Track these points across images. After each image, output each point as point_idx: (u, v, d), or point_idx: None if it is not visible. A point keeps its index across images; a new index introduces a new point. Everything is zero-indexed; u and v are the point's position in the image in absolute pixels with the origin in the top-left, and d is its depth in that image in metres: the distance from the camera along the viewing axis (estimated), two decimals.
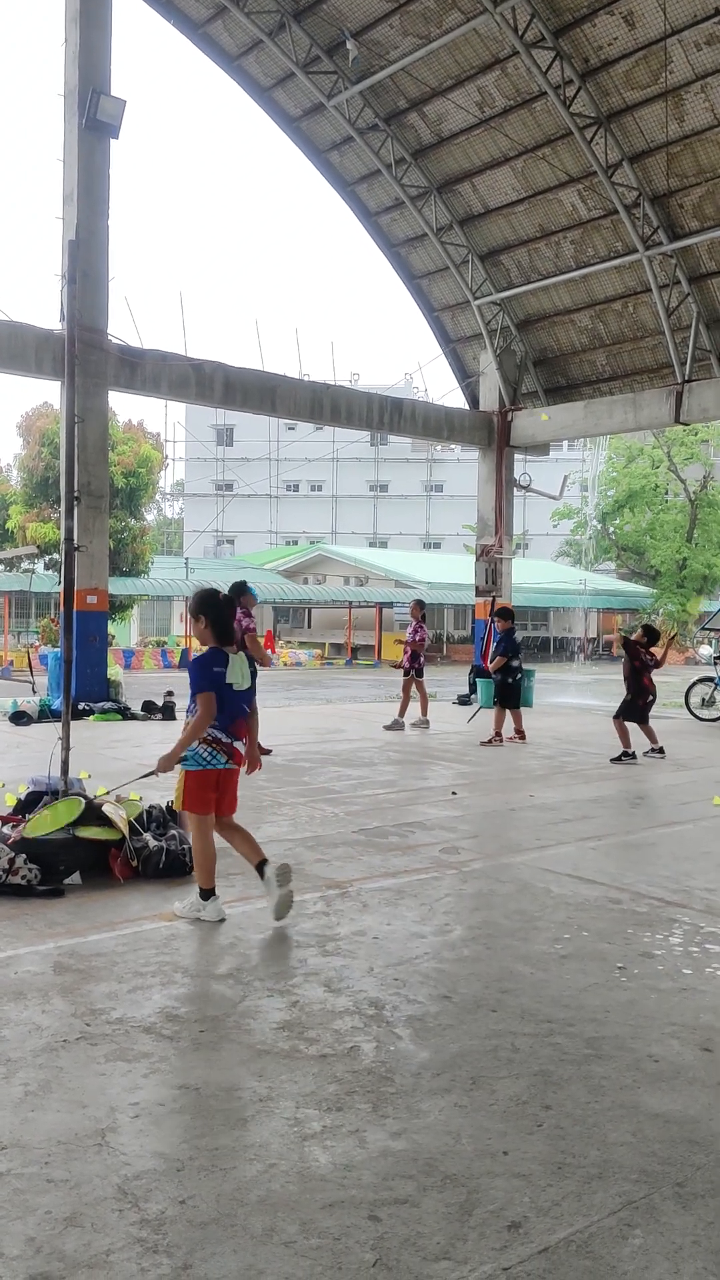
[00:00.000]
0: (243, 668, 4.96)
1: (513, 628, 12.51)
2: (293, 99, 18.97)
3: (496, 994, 4.04)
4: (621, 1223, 2.54)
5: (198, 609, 4.98)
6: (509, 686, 12.17)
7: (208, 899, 4.94)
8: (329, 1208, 2.58)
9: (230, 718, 4.90)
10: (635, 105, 16.16)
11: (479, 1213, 2.58)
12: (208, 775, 4.88)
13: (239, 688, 4.93)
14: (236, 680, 4.91)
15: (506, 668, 12.13)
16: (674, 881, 5.82)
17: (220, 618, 4.99)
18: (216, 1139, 2.90)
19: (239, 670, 4.93)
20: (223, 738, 4.89)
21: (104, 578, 14.65)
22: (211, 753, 4.87)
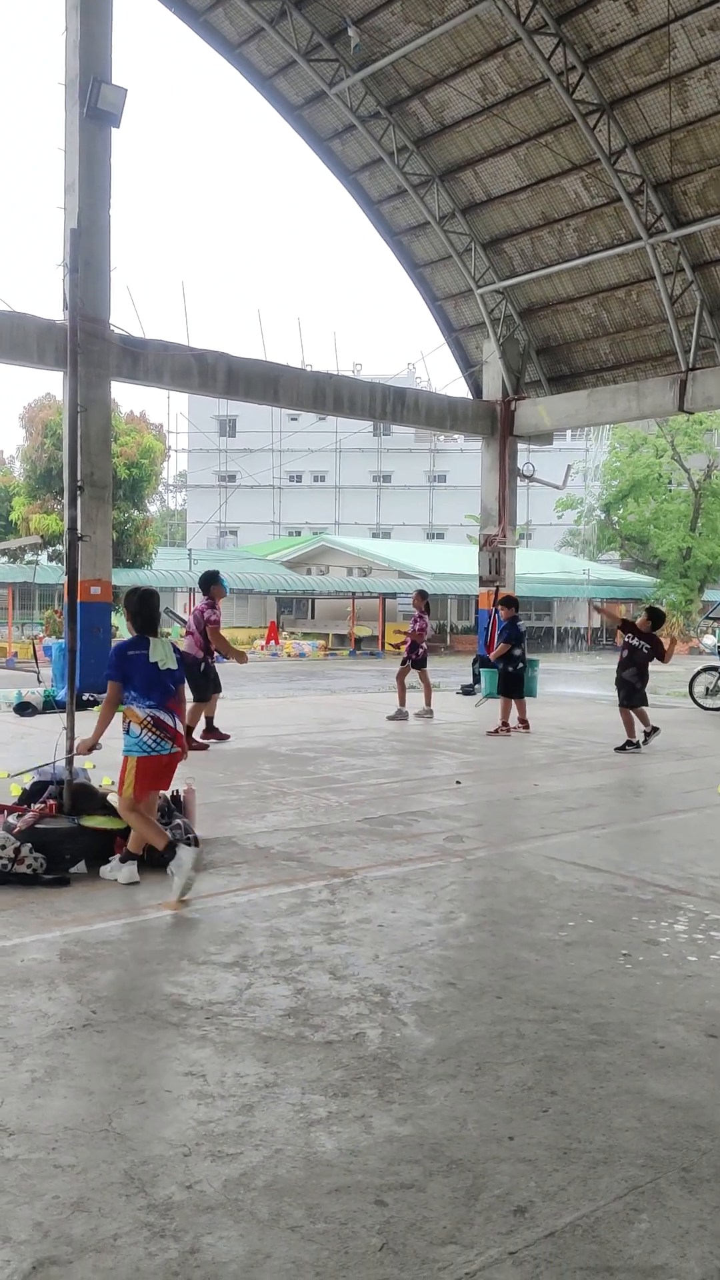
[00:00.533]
0: (165, 650, 5.27)
1: (517, 616, 12.50)
2: (294, 87, 18.89)
3: (501, 980, 4.04)
4: (628, 1207, 2.55)
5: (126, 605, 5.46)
6: (512, 676, 12.16)
7: (126, 861, 5.29)
8: (335, 1193, 2.59)
9: (162, 695, 5.18)
10: (638, 91, 16.07)
11: (485, 1197, 2.58)
12: (153, 762, 5.14)
13: (163, 666, 5.21)
14: (160, 659, 5.21)
15: (509, 657, 12.11)
16: (678, 869, 5.82)
17: (138, 611, 5.36)
18: (223, 1125, 2.91)
19: (161, 651, 5.24)
20: (165, 719, 5.15)
21: (108, 569, 14.64)
22: (156, 740, 5.13)
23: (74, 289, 6.82)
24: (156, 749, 5.13)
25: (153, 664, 5.18)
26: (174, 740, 5.18)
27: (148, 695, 5.15)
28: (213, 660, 10.70)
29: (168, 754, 5.17)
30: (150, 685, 5.15)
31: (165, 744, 5.14)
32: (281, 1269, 2.28)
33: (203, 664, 10.53)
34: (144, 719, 5.11)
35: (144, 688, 5.16)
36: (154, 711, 5.12)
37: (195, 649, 10.51)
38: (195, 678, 10.61)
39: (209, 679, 10.65)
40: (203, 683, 10.62)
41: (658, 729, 11.00)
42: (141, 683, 5.17)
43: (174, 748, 5.19)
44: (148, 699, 5.14)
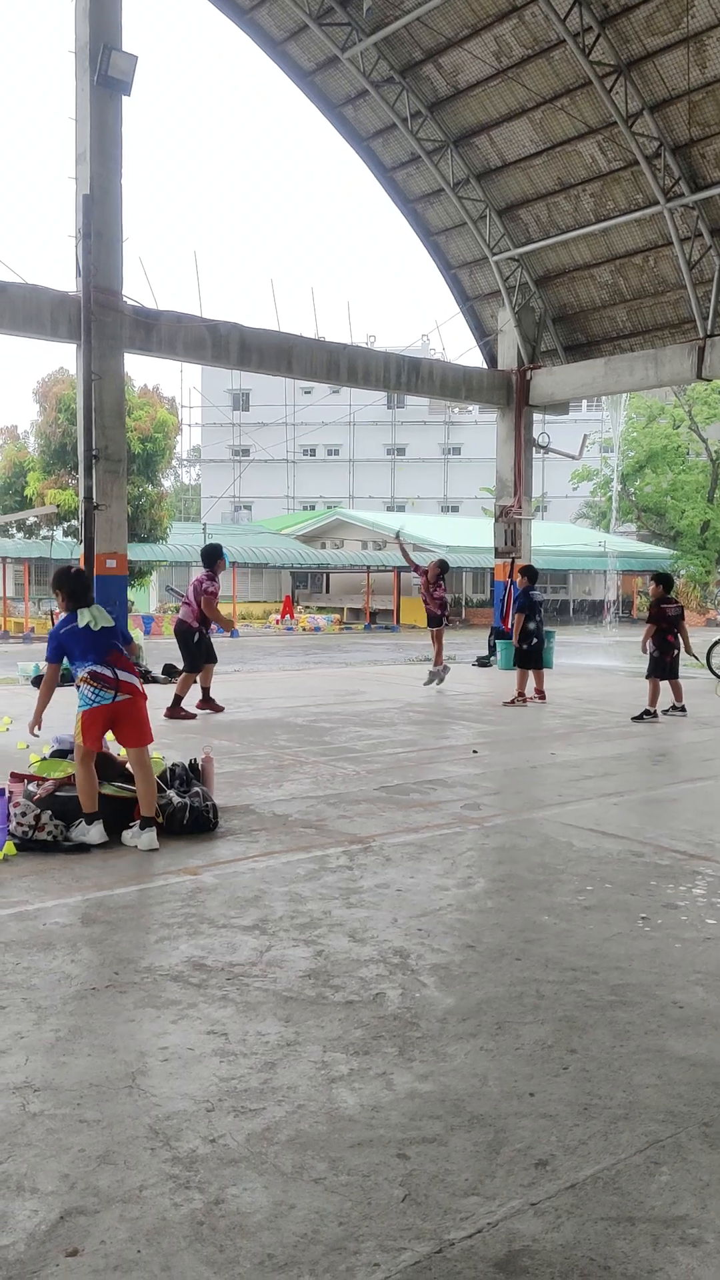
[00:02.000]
0: (96, 613, 5.53)
1: (533, 586, 12.44)
2: (306, 52, 18.63)
3: (520, 943, 4.06)
4: (648, 1160, 2.56)
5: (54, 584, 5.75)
6: (525, 652, 12.12)
7: (91, 822, 5.41)
8: (357, 1146, 2.61)
9: (102, 651, 5.44)
10: (656, 52, 15.77)
11: (506, 1151, 2.60)
12: (97, 712, 5.39)
13: (95, 626, 5.46)
14: (90, 621, 5.48)
15: (524, 632, 12.07)
16: (697, 835, 5.81)
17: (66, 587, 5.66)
18: (245, 1081, 2.94)
19: (90, 615, 5.51)
20: (103, 671, 5.40)
21: (123, 542, 14.64)
22: (95, 691, 5.39)
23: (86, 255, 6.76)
24: (97, 699, 5.39)
25: (84, 629, 5.46)
26: (116, 689, 5.41)
27: (84, 658, 5.43)
28: (207, 631, 10.76)
29: (111, 701, 5.39)
30: (86, 649, 5.43)
31: (106, 693, 5.39)
32: (305, 1219, 2.31)
33: (196, 634, 10.58)
34: (83, 676, 5.42)
35: (81, 653, 5.45)
36: (91, 667, 5.40)
37: (191, 619, 10.58)
38: (188, 647, 10.67)
39: (201, 649, 10.71)
40: (195, 652, 10.68)
41: (684, 708, 10.95)
42: (78, 650, 5.46)
43: (118, 695, 5.41)
44: (84, 661, 5.42)
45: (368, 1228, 2.28)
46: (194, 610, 10.58)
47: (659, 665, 10.87)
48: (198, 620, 10.56)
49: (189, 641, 10.64)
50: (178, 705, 10.44)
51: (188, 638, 10.64)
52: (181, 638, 10.70)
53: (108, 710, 5.41)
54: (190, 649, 10.65)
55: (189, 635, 10.63)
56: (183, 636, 10.68)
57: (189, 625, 10.59)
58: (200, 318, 15.76)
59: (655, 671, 10.88)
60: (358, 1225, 2.29)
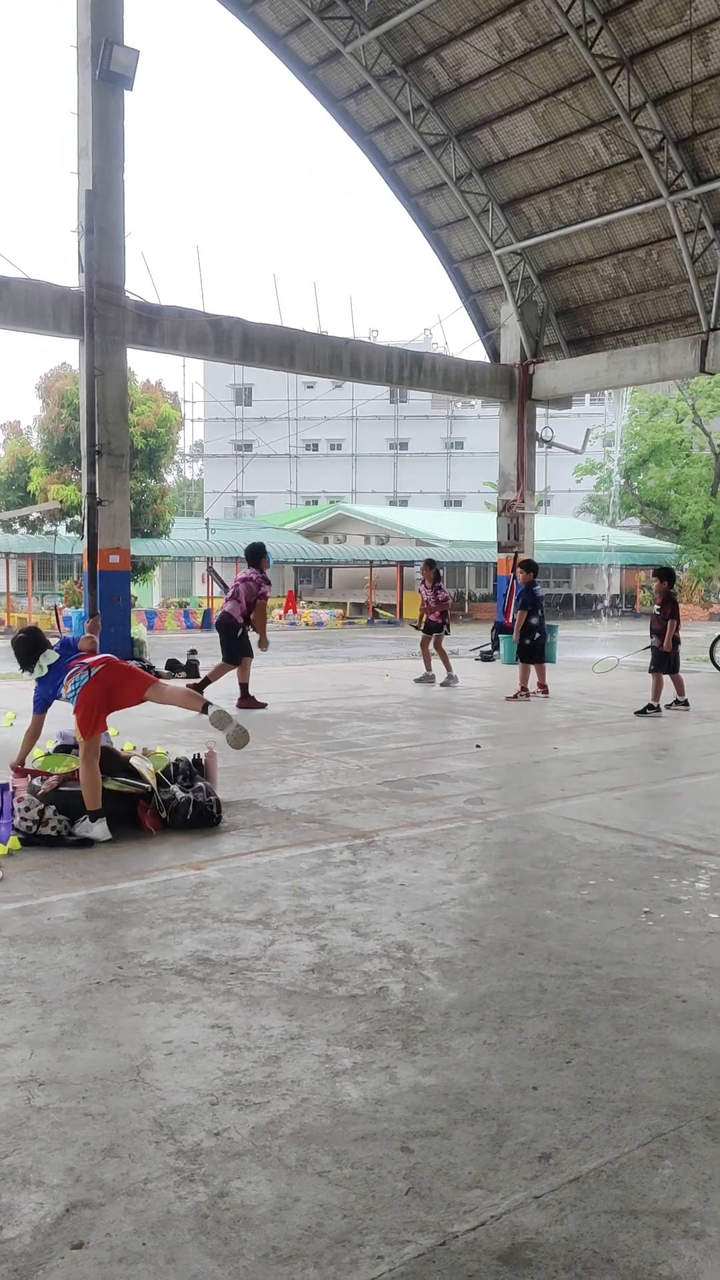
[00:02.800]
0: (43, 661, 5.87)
1: (535, 581, 12.44)
2: (308, 46, 18.59)
3: (523, 937, 4.06)
4: (651, 1154, 2.57)
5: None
6: (528, 646, 12.13)
7: (95, 819, 5.46)
8: (361, 1140, 2.62)
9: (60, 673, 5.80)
10: (659, 45, 15.73)
11: (510, 1144, 2.61)
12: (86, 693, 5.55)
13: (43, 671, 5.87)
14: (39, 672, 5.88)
15: (526, 627, 12.08)
16: (699, 830, 5.81)
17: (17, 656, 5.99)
18: (249, 1075, 2.95)
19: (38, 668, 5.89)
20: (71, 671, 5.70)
21: (126, 537, 14.65)
22: (75, 682, 5.64)
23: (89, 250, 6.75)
24: (78, 684, 5.61)
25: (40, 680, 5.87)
26: (88, 668, 5.64)
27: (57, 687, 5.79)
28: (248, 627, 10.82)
29: (90, 678, 5.59)
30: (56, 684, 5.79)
31: (82, 675, 5.62)
32: (309, 1212, 2.32)
33: (240, 629, 10.66)
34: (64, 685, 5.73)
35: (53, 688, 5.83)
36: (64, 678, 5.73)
37: (238, 614, 10.66)
38: (230, 641, 10.73)
39: (244, 644, 10.79)
40: (236, 647, 10.75)
41: (686, 702, 10.96)
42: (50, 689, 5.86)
43: (93, 670, 5.64)
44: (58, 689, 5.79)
45: (371, 1220, 2.29)
46: (241, 606, 10.66)
47: (663, 659, 10.88)
48: (243, 616, 10.65)
49: (232, 635, 10.70)
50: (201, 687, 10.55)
51: (231, 631, 10.70)
52: (225, 631, 10.74)
53: (92, 686, 5.57)
54: (232, 642, 10.72)
55: (233, 629, 10.69)
56: (227, 630, 10.73)
57: (234, 620, 10.66)
58: (203, 313, 15.75)
59: (659, 666, 10.89)
60: (362, 1218, 2.30)
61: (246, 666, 10.93)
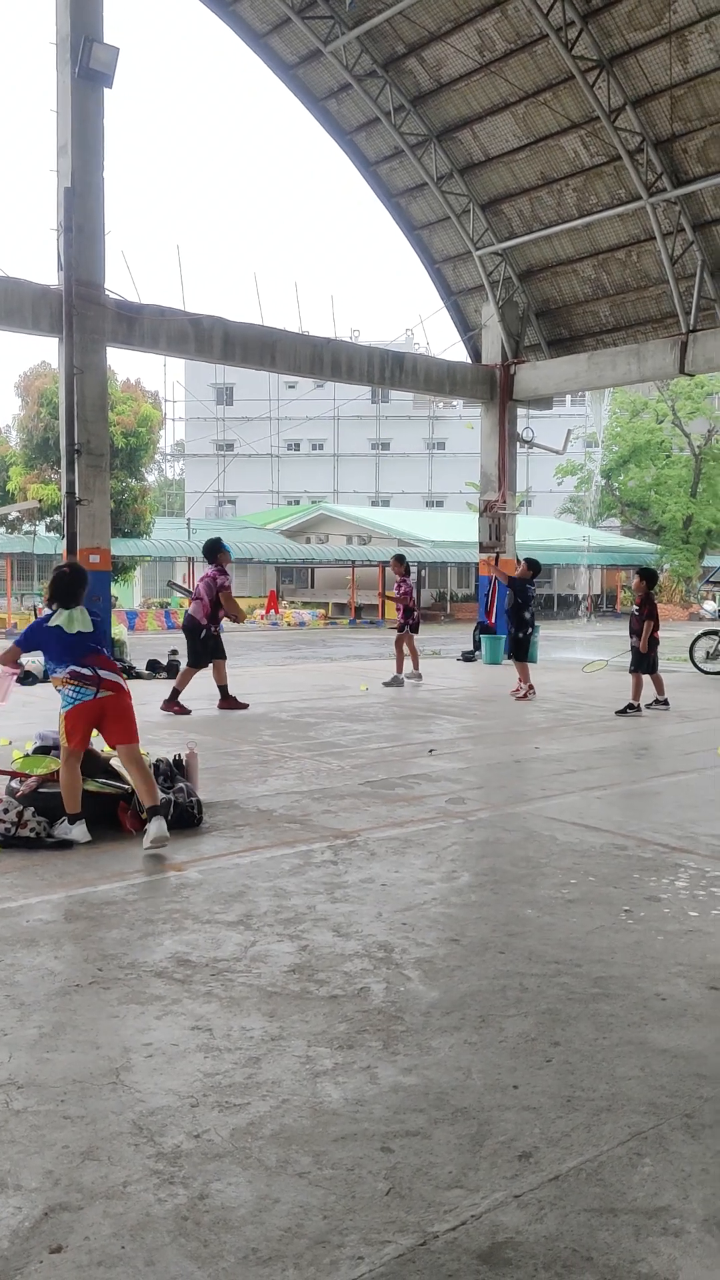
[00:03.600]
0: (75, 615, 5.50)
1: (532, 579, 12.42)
2: (289, 45, 18.56)
3: (504, 937, 4.07)
4: (631, 1152, 2.58)
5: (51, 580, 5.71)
6: (520, 640, 12.19)
7: (74, 822, 5.40)
8: (342, 1140, 2.62)
9: (77, 653, 5.41)
10: (638, 47, 15.79)
11: (490, 1143, 2.61)
12: (79, 710, 5.36)
13: (72, 629, 5.44)
14: (65, 623, 5.45)
15: (521, 621, 12.14)
16: (679, 828, 5.84)
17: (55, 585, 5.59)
18: (229, 1076, 2.94)
19: (65, 618, 5.47)
20: (82, 670, 5.38)
21: (106, 537, 14.58)
22: (76, 689, 5.37)
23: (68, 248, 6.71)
24: (79, 697, 5.36)
25: (54, 629, 5.44)
26: (98, 685, 5.38)
27: (61, 660, 5.39)
28: (215, 629, 10.73)
29: (93, 698, 5.36)
30: (61, 652, 5.41)
31: (87, 691, 5.36)
32: (289, 1213, 2.31)
33: (204, 631, 10.57)
34: (63, 678, 5.38)
35: (56, 655, 5.42)
36: (70, 668, 5.37)
37: (202, 615, 10.58)
38: (194, 643, 10.67)
39: (208, 647, 10.68)
40: (200, 650, 10.67)
41: (666, 702, 11.01)
42: (53, 651, 5.43)
43: (100, 692, 5.38)
44: (62, 662, 5.39)
45: (351, 1221, 2.29)
46: (205, 607, 10.59)
47: (641, 659, 10.93)
48: (207, 618, 10.57)
49: (195, 637, 10.65)
50: (175, 700, 10.48)
51: (195, 634, 10.66)
52: (190, 634, 10.70)
53: (91, 707, 5.36)
54: (196, 645, 10.66)
55: (197, 631, 10.64)
56: (191, 632, 10.69)
57: (198, 621, 10.61)
58: (183, 312, 15.70)
59: (639, 666, 10.94)
60: (341, 1218, 2.29)
61: (221, 668, 10.87)
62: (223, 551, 10.83)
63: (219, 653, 10.81)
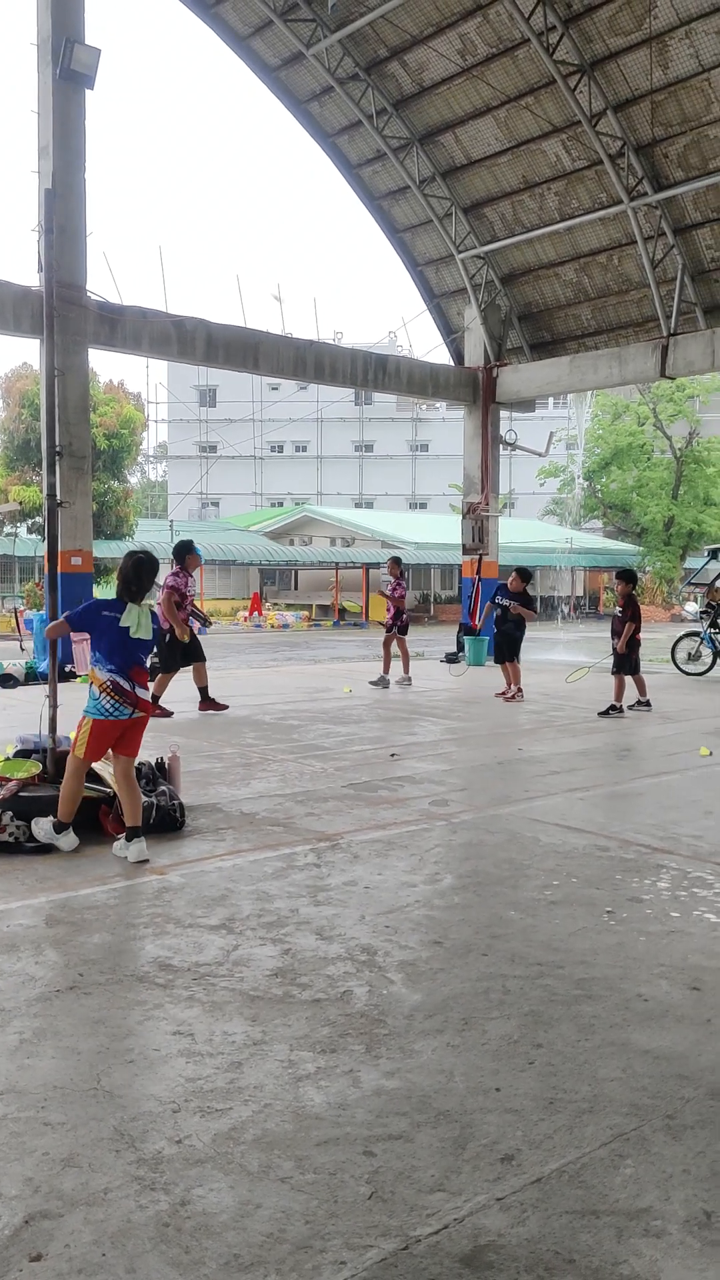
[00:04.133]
0: (143, 619, 5.28)
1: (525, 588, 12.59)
2: (271, 48, 18.57)
3: (487, 939, 4.07)
4: (613, 1154, 2.58)
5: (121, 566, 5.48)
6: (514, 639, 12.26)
7: (61, 830, 5.25)
8: (324, 1144, 2.61)
9: (125, 661, 5.19)
10: (619, 52, 15.88)
11: (472, 1147, 2.61)
12: (111, 726, 5.16)
13: (134, 634, 5.22)
14: (132, 626, 5.22)
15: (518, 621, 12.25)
16: (661, 829, 5.86)
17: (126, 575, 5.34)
18: (211, 1082, 2.92)
19: (134, 618, 5.24)
20: (124, 684, 5.17)
21: (88, 539, 14.54)
22: (115, 704, 5.15)
23: (49, 250, 6.68)
24: (114, 713, 5.15)
25: (123, 629, 5.18)
26: (134, 706, 5.20)
27: (110, 659, 5.16)
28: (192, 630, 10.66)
29: (126, 719, 5.18)
30: (114, 649, 5.17)
31: (124, 709, 5.16)
32: (271, 1218, 2.30)
33: (167, 635, 10.47)
34: (104, 683, 5.14)
35: (108, 651, 5.17)
36: (115, 676, 5.14)
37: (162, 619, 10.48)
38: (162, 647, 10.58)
39: (175, 650, 10.58)
40: (168, 654, 10.59)
41: (648, 703, 11.06)
42: (107, 645, 5.17)
43: (134, 713, 5.20)
44: (110, 663, 5.16)
45: (334, 1226, 2.28)
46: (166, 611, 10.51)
47: (623, 661, 10.96)
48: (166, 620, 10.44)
49: (161, 642, 10.54)
50: (154, 703, 10.40)
51: (160, 638, 10.56)
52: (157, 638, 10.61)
53: (120, 726, 5.18)
54: (162, 648, 10.56)
55: (161, 635, 10.54)
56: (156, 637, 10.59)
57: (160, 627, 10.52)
58: (166, 313, 15.68)
59: (621, 668, 10.97)
60: (324, 1223, 2.29)
61: (201, 670, 10.80)
62: (192, 555, 10.69)
63: (198, 655, 10.73)
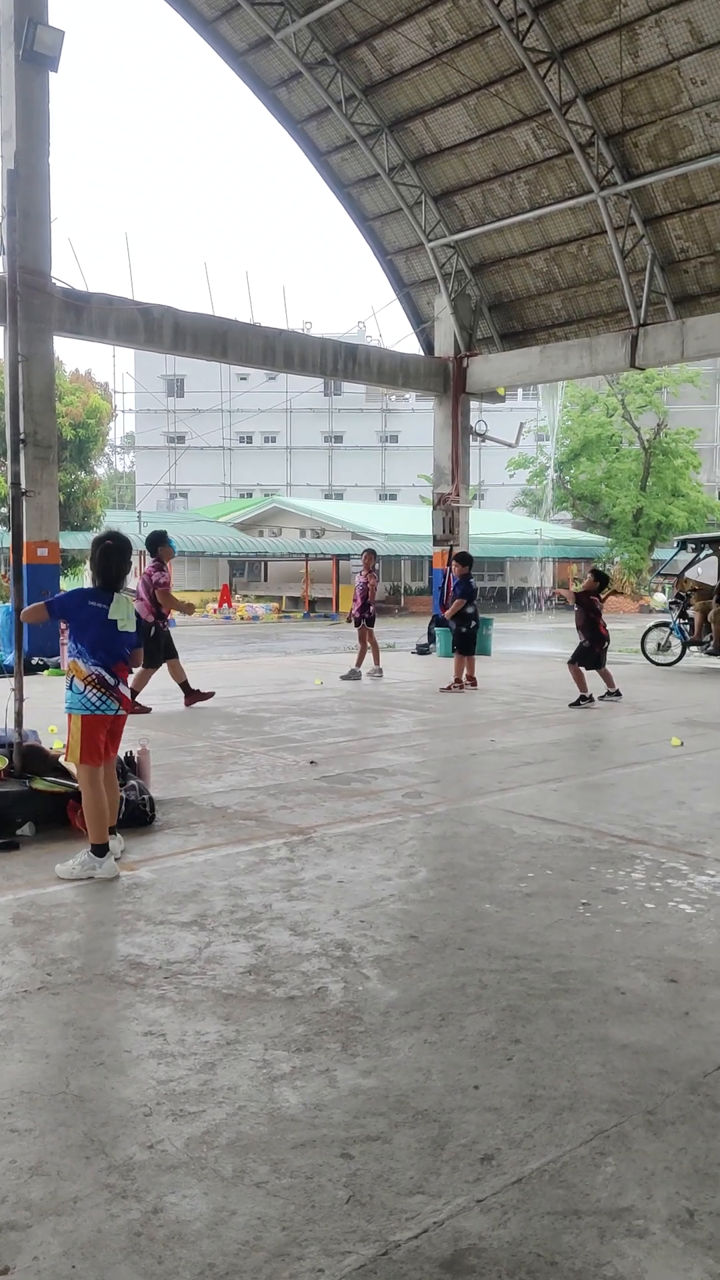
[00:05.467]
0: (128, 610, 5.06)
1: (469, 573, 12.50)
2: (238, 32, 18.36)
3: (463, 933, 4.03)
4: (594, 1151, 2.54)
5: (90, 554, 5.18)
6: (465, 635, 12.21)
7: (102, 855, 4.72)
8: (300, 1147, 2.55)
9: (110, 656, 4.95)
10: (589, 40, 15.85)
11: (451, 1147, 2.56)
12: (100, 721, 4.90)
13: (122, 627, 5.00)
14: (120, 618, 5.00)
15: (461, 615, 12.16)
16: (634, 820, 5.85)
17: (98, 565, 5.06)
18: (184, 1083, 2.86)
19: (122, 609, 5.02)
20: (108, 678, 4.92)
21: (54, 530, 14.34)
22: (101, 698, 4.89)
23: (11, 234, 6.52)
24: (101, 708, 4.88)
25: (111, 621, 4.95)
26: (119, 701, 4.97)
27: (94, 653, 4.91)
28: (165, 625, 10.52)
29: (113, 714, 4.94)
30: (99, 643, 4.93)
31: (111, 703, 4.91)
32: (246, 1225, 2.24)
33: (153, 628, 10.35)
34: (88, 675, 4.87)
35: (92, 644, 4.91)
36: (99, 670, 4.89)
37: (146, 613, 10.34)
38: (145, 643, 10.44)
39: (159, 644, 10.46)
40: (151, 648, 10.44)
41: (619, 693, 11.07)
42: (92, 637, 4.91)
43: (119, 709, 4.98)
44: (94, 656, 4.91)
45: (311, 1231, 2.22)
46: (148, 605, 10.36)
47: (586, 654, 10.92)
48: (152, 614, 10.32)
49: (145, 636, 10.40)
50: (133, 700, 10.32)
51: (144, 632, 10.41)
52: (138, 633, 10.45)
53: (108, 721, 4.93)
54: (147, 644, 10.42)
55: (145, 630, 10.40)
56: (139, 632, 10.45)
57: (144, 620, 10.39)
58: (132, 300, 15.48)
59: (579, 659, 10.91)
60: (301, 1229, 2.23)
61: (176, 666, 10.69)
62: (165, 546, 10.56)
63: (170, 651, 10.62)
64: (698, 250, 17.39)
